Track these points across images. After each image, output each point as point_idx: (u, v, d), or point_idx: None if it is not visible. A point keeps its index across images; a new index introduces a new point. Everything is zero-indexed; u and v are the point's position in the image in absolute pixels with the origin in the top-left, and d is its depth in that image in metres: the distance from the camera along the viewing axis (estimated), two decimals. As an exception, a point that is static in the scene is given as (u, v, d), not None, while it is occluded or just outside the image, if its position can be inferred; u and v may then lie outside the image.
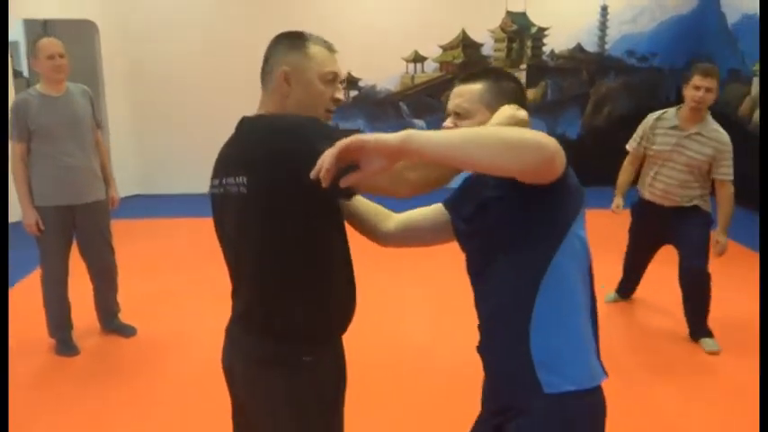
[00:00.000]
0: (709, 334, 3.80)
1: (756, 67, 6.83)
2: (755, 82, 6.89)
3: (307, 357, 1.59)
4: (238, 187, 1.56)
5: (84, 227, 3.73)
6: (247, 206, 1.55)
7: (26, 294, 4.61)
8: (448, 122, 1.61)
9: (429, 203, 1.87)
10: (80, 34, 7.06)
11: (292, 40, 1.63)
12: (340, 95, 1.66)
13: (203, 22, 7.37)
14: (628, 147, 4.12)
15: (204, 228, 6.11)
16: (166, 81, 7.36)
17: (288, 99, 1.61)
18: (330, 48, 1.66)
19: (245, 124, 1.64)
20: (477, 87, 1.57)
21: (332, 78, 1.63)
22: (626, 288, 4.43)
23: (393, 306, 4.44)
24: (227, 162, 1.63)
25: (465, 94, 1.57)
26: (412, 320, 4.26)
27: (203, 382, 3.34)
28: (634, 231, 4.22)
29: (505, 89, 1.57)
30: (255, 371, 1.63)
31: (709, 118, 3.72)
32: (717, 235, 3.79)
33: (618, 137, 7.79)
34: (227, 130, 1.70)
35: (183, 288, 4.80)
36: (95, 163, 3.73)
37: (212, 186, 1.70)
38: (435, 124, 7.82)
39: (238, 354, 1.68)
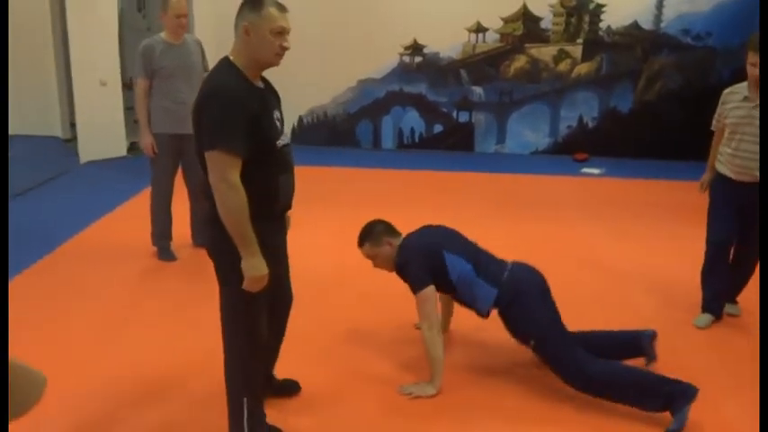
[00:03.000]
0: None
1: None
2: (805, 64, 7.12)
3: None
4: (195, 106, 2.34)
5: (187, 153, 4.48)
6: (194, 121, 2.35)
7: (130, 213, 5.47)
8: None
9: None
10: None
11: (253, 3, 2.27)
12: (286, 44, 2.31)
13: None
14: (712, 127, 4.08)
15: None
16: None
17: (248, 45, 2.28)
18: (281, 8, 2.30)
19: (219, 63, 2.38)
20: (365, 249, 3.24)
21: (279, 31, 2.28)
22: (714, 299, 3.89)
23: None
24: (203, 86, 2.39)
25: (366, 252, 3.25)
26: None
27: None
28: (714, 213, 3.93)
29: (378, 234, 3.21)
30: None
31: None
32: None
33: (669, 112, 8.25)
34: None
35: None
36: None
37: None
38: (493, 91, 8.34)
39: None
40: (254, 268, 2.30)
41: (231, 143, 2.20)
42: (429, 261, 3.07)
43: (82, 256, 4.64)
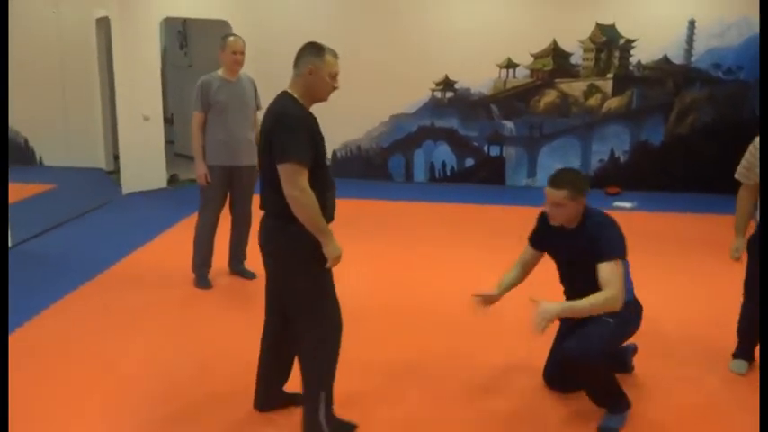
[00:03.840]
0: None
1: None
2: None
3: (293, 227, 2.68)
4: (264, 127, 2.77)
5: (237, 184, 4.73)
6: (263, 139, 2.75)
7: (169, 243, 5.66)
8: (547, 208, 3.08)
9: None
10: (215, 31, 8.11)
11: (316, 49, 2.75)
12: (337, 85, 2.81)
13: (324, 29, 8.31)
14: (736, 176, 3.63)
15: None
16: (280, 80, 8.33)
17: (308, 84, 2.74)
18: (335, 55, 2.80)
19: (280, 95, 2.79)
20: (563, 192, 2.99)
21: (333, 75, 2.77)
22: (746, 347, 3.66)
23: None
24: (267, 111, 2.81)
25: (558, 196, 3.00)
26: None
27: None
28: (752, 272, 3.49)
29: (581, 188, 3.03)
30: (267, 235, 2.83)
31: None
32: None
33: (701, 145, 8.26)
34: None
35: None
36: (252, 136, 4.70)
37: None
38: (523, 125, 8.45)
39: (262, 225, 2.87)
40: (335, 249, 2.76)
41: (301, 155, 2.61)
42: (623, 239, 3.11)
43: (122, 283, 4.82)
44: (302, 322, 2.83)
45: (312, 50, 2.76)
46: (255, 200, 4.80)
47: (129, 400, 3.23)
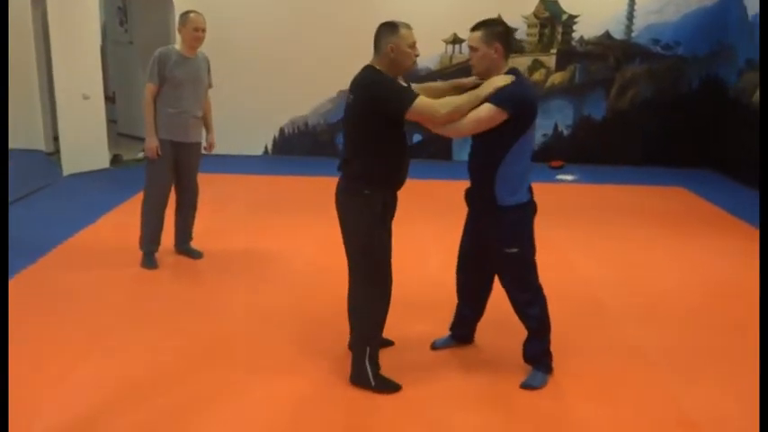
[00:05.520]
0: None
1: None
2: (769, 71, 7.39)
3: (366, 191, 3.07)
4: (350, 100, 3.05)
5: (184, 161, 4.68)
6: (353, 111, 3.03)
7: (113, 224, 5.58)
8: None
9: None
10: (156, 7, 7.93)
11: (392, 27, 3.01)
12: (418, 52, 3.05)
13: (270, 8, 8.19)
14: None
15: (251, 182, 7.02)
16: (227, 52, 8.22)
17: (393, 60, 3.00)
18: (408, 27, 3.02)
19: (362, 70, 3.08)
20: (478, 33, 3.02)
21: (412, 45, 3.02)
22: None
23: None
24: (352, 85, 3.08)
25: (473, 38, 3.03)
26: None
27: (255, 285, 4.25)
28: None
29: (494, 32, 3.02)
30: (341, 196, 3.18)
31: None
32: None
33: (640, 119, 8.49)
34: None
35: (235, 227, 5.67)
36: (201, 113, 4.67)
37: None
38: (469, 101, 8.50)
39: (338, 187, 3.20)
40: None
41: (412, 95, 2.93)
42: (526, 108, 3.00)
43: (66, 265, 4.74)
44: (354, 276, 3.22)
45: (388, 29, 3.01)
46: (200, 178, 4.85)
47: (75, 380, 3.20)
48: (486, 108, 2.92)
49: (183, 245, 4.90)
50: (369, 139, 3.04)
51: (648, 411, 3.11)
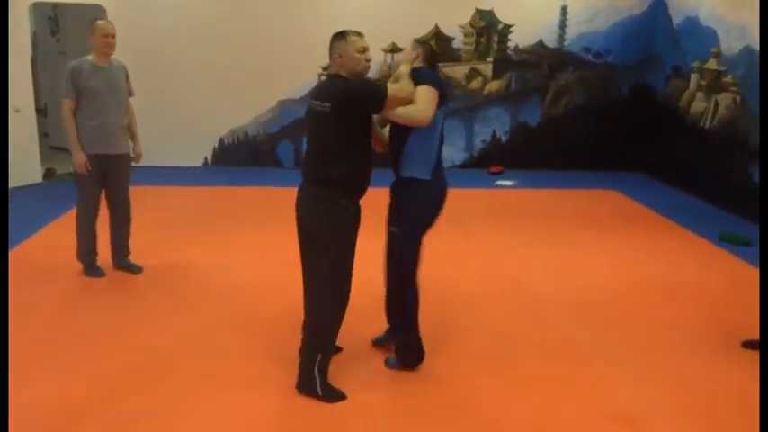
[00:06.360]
0: None
1: (696, 64, 7.67)
2: (693, 78, 7.73)
3: (342, 200, 3.11)
4: (323, 108, 3.02)
5: (112, 174, 4.58)
6: (327, 119, 3.01)
7: (50, 238, 5.43)
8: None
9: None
10: (88, 16, 7.72)
11: (340, 34, 3.09)
12: (370, 57, 3.11)
13: (205, 15, 8.12)
14: None
15: (191, 194, 6.95)
16: (164, 62, 8.11)
17: (341, 65, 3.07)
18: (359, 34, 3.10)
19: (328, 77, 3.13)
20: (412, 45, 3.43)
21: (361, 50, 3.07)
22: None
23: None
24: (317, 93, 3.11)
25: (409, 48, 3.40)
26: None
27: (198, 298, 4.20)
28: None
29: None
30: (310, 204, 3.11)
31: None
32: None
33: (574, 125, 8.75)
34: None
35: (175, 240, 5.60)
36: (125, 122, 4.57)
37: (310, 102, 3.14)
38: (409, 109, 8.61)
39: (300, 196, 3.14)
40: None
41: (383, 85, 3.09)
42: (443, 86, 3.26)
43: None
44: (315, 292, 3.19)
45: (337, 36, 3.10)
46: (132, 192, 4.74)
47: (13, 404, 3.11)
48: (429, 89, 3.13)
49: (122, 260, 4.80)
50: (343, 144, 3.08)
51: (581, 404, 3.22)
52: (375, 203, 3.47)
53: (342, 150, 3.08)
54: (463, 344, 3.82)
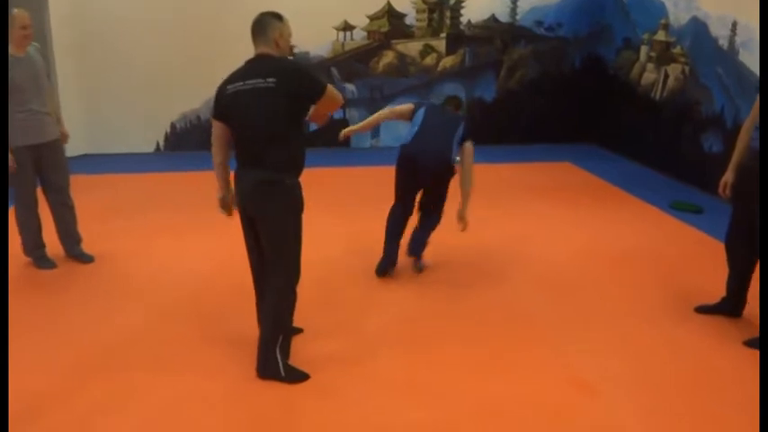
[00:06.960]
0: None
1: (646, 36, 7.77)
2: (643, 49, 7.83)
3: (297, 181, 3.10)
4: (266, 83, 2.95)
5: (46, 162, 4.43)
6: (273, 94, 2.94)
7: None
8: None
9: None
10: (29, 6, 7.43)
11: (276, 15, 3.14)
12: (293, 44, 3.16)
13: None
14: None
15: (143, 180, 6.81)
16: (112, 48, 7.88)
17: (279, 46, 3.10)
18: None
19: (260, 58, 3.08)
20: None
21: (290, 34, 3.17)
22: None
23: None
24: (252, 73, 3.01)
25: None
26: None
27: (152, 285, 4.15)
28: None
29: None
30: (266, 187, 3.02)
31: None
32: None
33: (528, 99, 8.79)
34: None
35: (128, 228, 5.48)
36: (50, 108, 4.42)
37: (236, 86, 3.02)
38: (364, 87, 8.57)
39: (248, 183, 3.04)
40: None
41: (324, 79, 3.10)
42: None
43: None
44: (279, 262, 3.16)
45: (274, 17, 3.16)
46: (83, 180, 4.62)
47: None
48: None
49: (74, 248, 4.68)
50: (292, 126, 3.04)
51: (542, 374, 3.27)
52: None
53: (289, 130, 3.04)
54: (419, 314, 3.84)
